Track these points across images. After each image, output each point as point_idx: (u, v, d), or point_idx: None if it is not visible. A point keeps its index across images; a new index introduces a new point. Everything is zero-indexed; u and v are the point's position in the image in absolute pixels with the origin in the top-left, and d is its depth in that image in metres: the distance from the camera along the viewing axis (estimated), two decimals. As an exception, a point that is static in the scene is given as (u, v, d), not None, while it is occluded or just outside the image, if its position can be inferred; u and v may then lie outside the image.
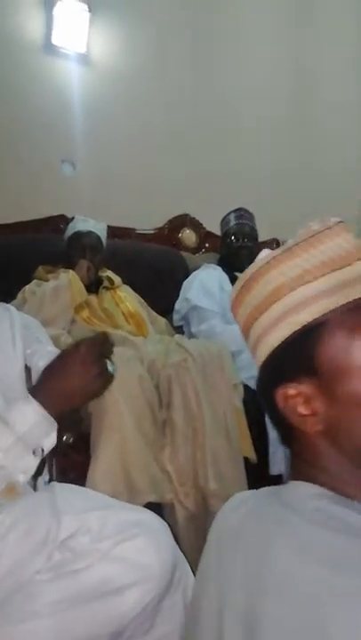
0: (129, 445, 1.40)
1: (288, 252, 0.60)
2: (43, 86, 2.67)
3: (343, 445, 0.56)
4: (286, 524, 0.52)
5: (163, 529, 0.86)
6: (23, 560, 0.78)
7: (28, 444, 0.87)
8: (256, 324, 0.61)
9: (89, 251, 2.18)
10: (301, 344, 0.56)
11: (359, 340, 0.54)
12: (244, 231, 2.47)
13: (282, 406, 0.57)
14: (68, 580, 0.76)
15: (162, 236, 2.94)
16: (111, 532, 0.81)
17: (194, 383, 1.55)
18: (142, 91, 2.90)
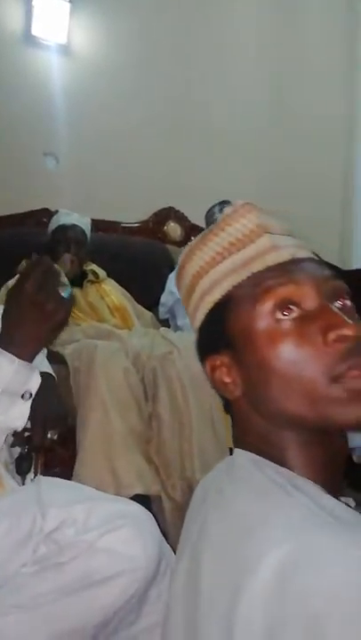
0: (115, 439, 1.40)
1: (204, 237, 0.66)
2: (23, 78, 2.64)
3: (260, 408, 0.59)
4: (220, 492, 0.58)
5: (148, 520, 0.86)
6: (8, 555, 0.78)
7: (15, 393, 0.87)
8: (189, 304, 0.68)
9: (73, 244, 2.16)
10: (217, 320, 0.62)
11: (259, 308, 0.58)
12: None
13: (210, 377, 0.63)
14: (54, 573, 0.76)
15: (147, 229, 2.93)
16: (96, 523, 0.80)
17: (179, 376, 1.56)
18: (124, 82, 2.88)
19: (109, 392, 1.45)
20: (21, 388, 0.87)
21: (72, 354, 1.55)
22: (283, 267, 0.60)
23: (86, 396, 1.45)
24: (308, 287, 0.58)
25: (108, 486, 1.35)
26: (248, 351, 0.59)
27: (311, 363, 0.55)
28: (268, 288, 0.58)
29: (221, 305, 0.62)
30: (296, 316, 0.57)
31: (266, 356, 0.57)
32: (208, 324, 0.64)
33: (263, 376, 0.58)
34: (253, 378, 0.59)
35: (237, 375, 0.60)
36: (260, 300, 0.58)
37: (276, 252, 0.61)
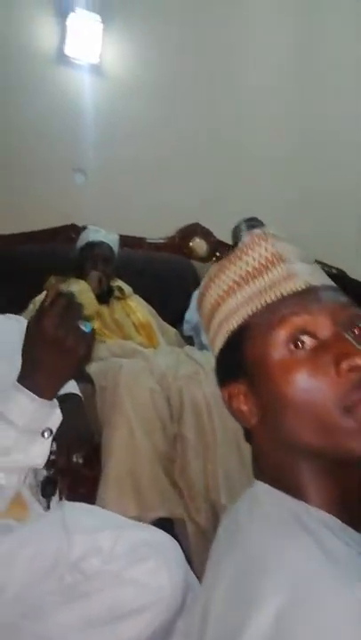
0: (140, 460, 1.39)
1: (222, 266, 0.67)
2: (55, 96, 2.69)
3: (275, 437, 0.60)
4: (238, 526, 0.58)
5: (174, 549, 0.84)
6: (33, 583, 0.77)
7: (35, 431, 0.85)
8: (208, 334, 0.69)
9: (101, 261, 2.18)
10: (234, 348, 0.63)
11: (274, 337, 0.58)
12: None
13: (228, 404, 0.63)
14: (80, 603, 0.75)
15: (172, 245, 2.94)
16: (122, 552, 0.79)
17: (205, 397, 1.54)
18: (154, 101, 2.91)
19: (135, 412, 1.44)
20: (41, 425, 0.86)
21: (98, 372, 1.54)
22: (298, 296, 0.60)
23: (112, 415, 1.44)
24: (322, 316, 0.58)
25: (131, 508, 1.34)
26: (263, 380, 0.59)
27: (324, 393, 0.55)
28: (283, 318, 0.59)
29: (238, 333, 0.62)
30: (310, 346, 0.57)
31: (280, 385, 0.57)
32: (226, 351, 0.64)
33: (278, 405, 0.58)
34: (268, 407, 0.59)
35: (254, 403, 0.61)
36: (275, 330, 0.59)
37: (292, 280, 0.62)
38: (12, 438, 0.84)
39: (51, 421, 0.87)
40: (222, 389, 0.64)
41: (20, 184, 2.59)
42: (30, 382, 0.85)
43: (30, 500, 1.05)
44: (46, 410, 0.86)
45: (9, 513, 0.98)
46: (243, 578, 0.50)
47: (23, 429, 0.85)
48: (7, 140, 2.58)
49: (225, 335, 0.64)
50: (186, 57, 2.99)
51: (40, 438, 0.86)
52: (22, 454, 0.86)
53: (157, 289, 2.55)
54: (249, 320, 0.61)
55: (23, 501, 1.03)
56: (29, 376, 0.85)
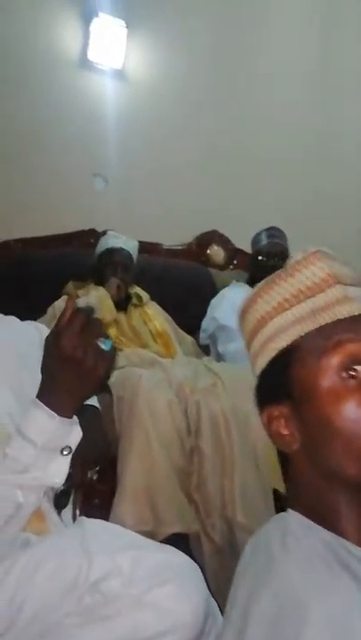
0: (156, 473, 1.37)
1: (271, 282, 0.65)
2: (77, 101, 2.69)
3: (317, 465, 0.58)
4: (271, 559, 0.55)
5: (195, 573, 0.82)
6: (52, 603, 0.75)
7: (54, 449, 0.85)
8: (250, 350, 0.66)
9: (120, 268, 2.17)
10: (279, 368, 0.61)
11: (325, 362, 0.56)
12: (276, 251, 2.42)
13: (267, 427, 0.61)
14: (99, 626, 0.73)
15: (190, 251, 2.92)
16: (143, 575, 0.77)
17: (223, 410, 1.52)
18: (176, 108, 2.90)
19: (152, 424, 1.43)
20: (60, 443, 0.85)
21: (116, 382, 1.53)
22: (354, 321, 0.58)
23: (129, 426, 1.43)
24: None
25: (146, 523, 1.32)
26: (310, 406, 0.57)
27: None
28: (338, 343, 0.56)
29: (286, 354, 0.60)
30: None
31: (328, 413, 0.56)
32: (270, 371, 0.62)
33: (324, 433, 0.56)
34: (313, 434, 0.58)
35: (296, 428, 0.59)
36: (328, 355, 0.57)
37: (348, 304, 0.59)
38: (32, 456, 0.83)
39: (70, 439, 0.86)
40: (262, 410, 0.62)
41: (41, 188, 2.59)
42: (49, 399, 0.83)
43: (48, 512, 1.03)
44: (66, 428, 0.85)
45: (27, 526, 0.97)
46: (283, 621, 0.48)
47: (42, 447, 0.83)
48: (29, 143, 2.59)
49: (271, 354, 0.61)
50: (209, 63, 2.98)
51: (59, 456, 0.85)
52: (41, 472, 0.84)
53: (174, 296, 2.53)
54: (300, 341, 0.59)
55: (41, 513, 1.02)
56: (49, 393, 0.84)
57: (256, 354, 0.65)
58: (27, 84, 2.57)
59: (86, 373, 0.82)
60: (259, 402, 0.64)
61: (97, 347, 0.82)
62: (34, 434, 0.83)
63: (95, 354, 0.82)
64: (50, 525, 1.00)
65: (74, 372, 0.81)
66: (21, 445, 0.84)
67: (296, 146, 3.27)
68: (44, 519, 1.02)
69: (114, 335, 1.99)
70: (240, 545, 1.41)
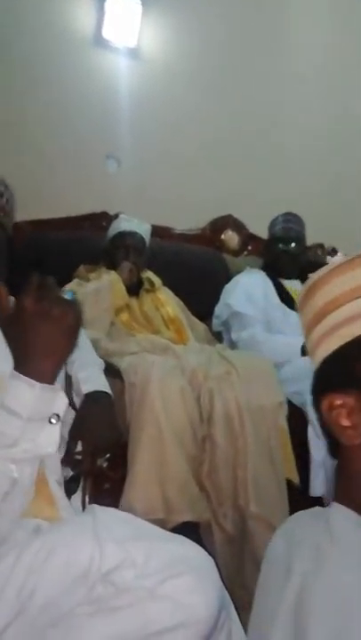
0: (168, 460, 1.35)
1: (350, 262, 0.59)
2: (91, 80, 2.64)
3: None
4: (320, 553, 0.52)
5: (210, 566, 0.80)
6: (63, 591, 0.73)
7: (41, 418, 0.83)
8: (314, 331, 0.61)
9: (132, 252, 2.13)
10: (351, 356, 0.56)
11: None
12: (290, 236, 2.37)
13: (326, 415, 0.57)
14: (110, 618, 0.71)
15: (204, 236, 2.88)
16: (157, 567, 0.75)
17: (237, 399, 1.49)
18: (191, 89, 2.84)
19: (164, 411, 1.40)
20: (47, 412, 0.83)
21: (128, 368, 1.50)
22: None
23: (140, 413, 1.40)
24: None
25: (157, 511, 1.30)
26: None
27: None
28: None
29: (359, 342, 0.56)
30: None
31: None
32: (338, 358, 0.58)
33: None
34: None
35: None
36: None
37: None
38: (19, 428, 0.82)
39: (56, 406, 0.84)
40: (321, 397, 0.58)
41: (53, 169, 2.56)
42: (26, 368, 0.82)
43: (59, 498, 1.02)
44: (49, 394, 0.83)
45: (38, 512, 0.96)
46: (351, 616, 0.46)
47: (28, 418, 0.82)
48: (40, 122, 2.54)
49: (342, 340, 0.57)
50: (225, 44, 2.91)
51: (47, 425, 0.84)
52: (31, 443, 0.83)
53: (187, 281, 2.50)
54: None
55: (52, 499, 1.00)
56: (24, 362, 0.82)
57: (321, 336, 0.60)
58: (40, 61, 2.53)
59: (56, 324, 0.81)
60: (317, 387, 0.60)
61: (59, 297, 0.83)
62: (17, 406, 0.81)
63: (60, 302, 0.82)
64: (61, 511, 0.99)
65: (43, 328, 0.81)
66: (6, 419, 0.82)
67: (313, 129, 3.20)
68: (54, 505, 1.00)
69: (125, 319, 1.96)
70: (252, 534, 1.39)
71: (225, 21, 2.89)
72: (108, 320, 1.91)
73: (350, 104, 3.32)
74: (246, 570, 1.41)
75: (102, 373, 1.30)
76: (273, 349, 1.97)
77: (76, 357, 1.31)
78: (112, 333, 1.89)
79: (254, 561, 1.39)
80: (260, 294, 2.23)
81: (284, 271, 2.36)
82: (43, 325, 0.81)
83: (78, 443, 1.13)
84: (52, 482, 1.02)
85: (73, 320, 0.83)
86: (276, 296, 2.21)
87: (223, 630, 0.80)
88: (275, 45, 3.07)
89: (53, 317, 0.81)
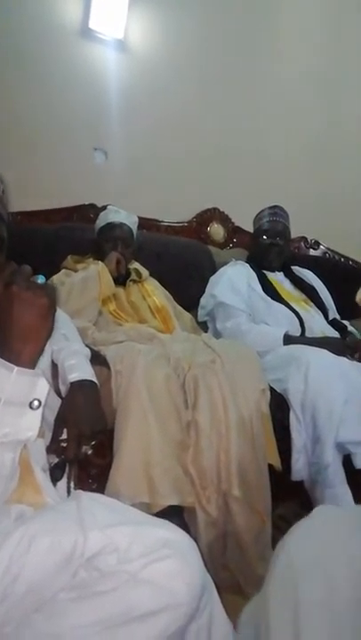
0: (152, 445, 1.38)
1: None
2: (78, 71, 2.64)
3: None
4: None
5: (192, 550, 0.81)
6: (46, 577, 0.74)
7: (21, 403, 0.84)
8: None
9: (120, 243, 2.15)
10: None
11: None
12: (277, 229, 2.40)
13: None
14: (93, 602, 0.72)
15: (190, 229, 2.91)
16: (140, 552, 0.76)
17: (221, 386, 1.52)
18: (178, 81, 2.85)
19: (149, 397, 1.42)
20: (27, 397, 0.84)
21: (114, 356, 1.53)
22: None
23: (126, 399, 1.43)
24: None
25: (142, 494, 1.33)
26: None
27: None
28: None
29: None
30: None
31: None
32: None
33: None
34: None
35: None
36: None
37: None
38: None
39: (37, 392, 0.85)
40: None
41: (40, 161, 2.56)
42: (3, 352, 0.83)
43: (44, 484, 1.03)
44: (28, 379, 0.84)
45: (23, 498, 0.97)
46: None
47: (6, 402, 0.82)
48: (28, 114, 2.54)
49: None
50: (213, 37, 2.92)
51: (29, 411, 0.85)
52: (11, 428, 0.84)
53: (173, 273, 2.52)
54: None
55: (37, 485, 1.02)
56: (1, 346, 0.83)
57: None
58: (27, 53, 2.52)
59: (30, 305, 0.83)
60: None
61: (31, 281, 0.85)
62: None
63: (32, 285, 0.84)
64: (46, 497, 1.01)
65: (16, 311, 0.82)
66: None
67: (302, 123, 3.23)
68: (40, 491, 1.02)
69: (112, 309, 1.98)
70: (235, 517, 1.43)
71: (213, 14, 2.90)
72: (95, 310, 1.93)
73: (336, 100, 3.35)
74: (229, 552, 1.45)
75: (88, 362, 1.32)
76: (257, 339, 2.01)
77: (63, 347, 1.33)
78: (100, 323, 1.91)
79: (237, 543, 1.44)
80: (245, 285, 2.27)
81: (269, 263, 2.40)
82: (15, 309, 0.82)
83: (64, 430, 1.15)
84: (36, 469, 1.03)
85: (46, 302, 0.85)
86: (260, 287, 2.25)
87: (205, 612, 0.81)
88: (263, 40, 3.09)
89: (25, 300, 0.82)
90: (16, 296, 0.82)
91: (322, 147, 3.30)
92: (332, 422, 1.61)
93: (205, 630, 0.80)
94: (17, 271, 0.85)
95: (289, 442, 1.66)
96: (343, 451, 1.66)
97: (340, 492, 1.60)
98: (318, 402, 1.64)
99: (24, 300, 0.82)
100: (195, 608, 0.76)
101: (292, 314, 2.16)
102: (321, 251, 3.26)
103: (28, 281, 0.84)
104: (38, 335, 0.86)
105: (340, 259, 3.28)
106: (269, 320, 2.13)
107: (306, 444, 1.64)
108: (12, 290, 0.82)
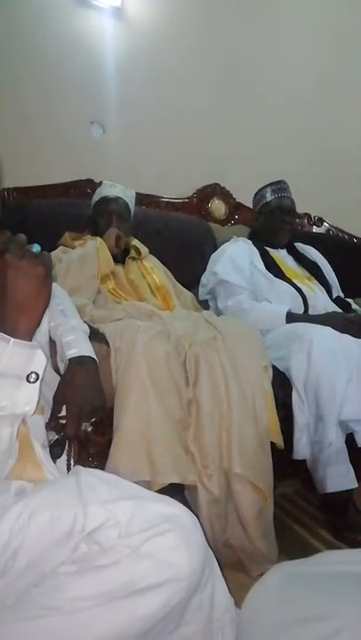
0: (153, 423, 1.35)
1: None
2: (74, 41, 2.56)
3: None
4: None
5: (193, 524, 0.81)
6: (46, 551, 0.74)
7: (18, 375, 0.82)
8: None
9: (116, 218, 2.09)
10: None
11: None
12: (288, 206, 2.33)
13: None
14: (94, 576, 0.72)
15: (190, 205, 2.85)
16: (141, 526, 0.76)
17: (222, 363, 1.49)
18: (177, 52, 2.77)
19: (150, 375, 1.40)
20: (24, 369, 0.82)
21: (113, 333, 1.49)
22: None
23: (126, 377, 1.40)
24: None
25: (143, 473, 1.31)
26: None
27: None
28: None
29: None
30: None
31: None
32: None
33: None
34: None
35: None
36: None
37: None
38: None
39: (34, 364, 0.83)
40: None
41: (36, 135, 2.49)
42: (1, 325, 0.81)
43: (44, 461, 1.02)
44: (25, 351, 0.82)
45: (23, 474, 0.96)
46: None
47: (3, 374, 0.81)
48: (22, 87, 2.47)
49: None
50: (212, 3, 2.83)
51: (26, 384, 0.83)
52: (7, 401, 0.82)
53: (173, 250, 2.49)
54: None
55: (37, 462, 1.01)
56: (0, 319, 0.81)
57: None
58: (22, 22, 2.44)
59: (25, 274, 0.80)
60: None
61: (27, 250, 0.82)
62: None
63: (27, 254, 0.81)
64: (46, 474, 0.99)
65: (11, 281, 0.80)
66: None
67: (301, 97, 3.15)
68: (40, 468, 1.00)
69: (111, 287, 1.95)
70: (236, 495, 1.41)
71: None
72: (94, 288, 1.89)
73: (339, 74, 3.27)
74: (231, 529, 1.44)
75: (87, 338, 1.29)
76: (259, 316, 1.98)
77: (60, 323, 1.30)
78: (98, 301, 1.88)
79: (239, 520, 1.43)
80: (247, 263, 2.23)
81: (279, 241, 2.35)
82: (10, 278, 0.80)
83: (63, 407, 1.13)
84: (36, 445, 1.02)
85: (42, 271, 0.82)
86: (263, 265, 2.20)
87: (207, 587, 0.81)
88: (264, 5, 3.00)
89: (20, 269, 0.80)
90: (10, 265, 0.80)
91: (325, 122, 3.23)
92: (335, 400, 1.59)
93: (207, 604, 0.79)
94: (11, 240, 0.82)
95: (291, 421, 1.64)
96: (346, 429, 1.64)
97: (342, 471, 1.59)
98: (321, 380, 1.61)
99: (19, 270, 0.80)
100: (196, 582, 0.75)
101: (295, 291, 2.12)
102: (325, 227, 3.21)
103: (22, 249, 0.81)
104: (35, 306, 0.84)
105: (344, 236, 3.23)
106: (272, 298, 2.09)
107: (308, 423, 1.62)
108: (5, 259, 0.80)
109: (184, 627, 0.77)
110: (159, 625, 0.72)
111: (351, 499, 1.64)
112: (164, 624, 0.73)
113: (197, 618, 0.78)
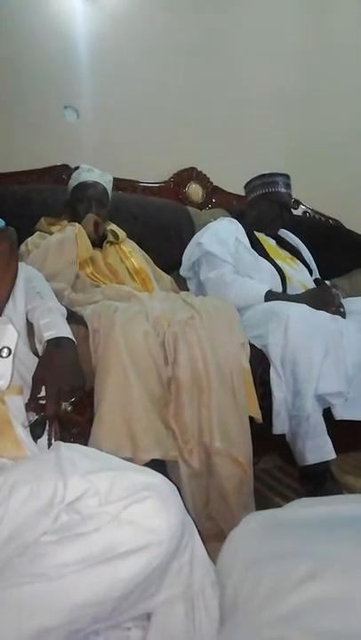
0: (133, 401, 1.38)
1: None
2: (45, 23, 2.52)
3: None
4: None
5: (172, 492, 0.84)
6: (27, 522, 0.76)
7: None
8: None
9: (95, 203, 2.09)
10: None
11: None
12: (289, 201, 2.35)
13: None
14: (76, 543, 0.74)
15: (167, 189, 2.85)
16: (120, 494, 0.78)
17: (200, 341, 1.52)
18: (152, 34, 2.74)
19: (129, 354, 1.42)
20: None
21: (91, 315, 1.51)
22: None
23: (105, 357, 1.42)
24: None
25: (125, 449, 1.33)
26: None
27: None
28: None
29: None
30: None
31: None
32: None
33: None
34: None
35: None
36: None
37: None
38: None
39: (6, 339, 0.85)
40: None
41: (10, 120, 2.46)
42: None
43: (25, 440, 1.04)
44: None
45: (4, 452, 0.98)
46: None
47: None
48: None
49: None
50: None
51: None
52: None
53: (151, 234, 2.49)
54: None
55: (17, 440, 1.02)
56: None
57: None
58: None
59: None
60: None
61: None
62: None
63: None
64: (27, 452, 1.01)
65: None
66: None
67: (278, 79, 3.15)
68: (20, 446, 1.02)
69: (89, 272, 1.95)
70: (217, 469, 1.45)
71: None
72: (73, 273, 1.89)
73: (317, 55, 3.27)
74: (212, 502, 1.48)
75: (65, 320, 1.30)
76: (239, 291, 2.00)
77: (37, 306, 1.31)
78: (77, 286, 1.88)
79: (220, 493, 1.46)
80: (232, 238, 2.22)
81: (273, 230, 2.37)
82: None
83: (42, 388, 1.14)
84: (16, 424, 1.04)
85: (7, 246, 0.84)
86: (248, 242, 2.22)
87: (186, 551, 0.84)
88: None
89: None
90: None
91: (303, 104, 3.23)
92: (312, 375, 1.63)
93: (187, 568, 0.82)
94: None
95: (270, 398, 1.67)
96: (323, 404, 1.68)
97: (321, 443, 1.64)
98: (298, 355, 1.65)
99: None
100: (175, 546, 0.78)
101: (275, 271, 2.14)
102: (301, 210, 3.23)
103: None
104: (2, 281, 0.84)
105: (321, 218, 3.27)
106: (254, 274, 2.11)
107: (286, 398, 1.66)
108: None
109: (165, 590, 0.80)
110: (140, 587, 0.75)
111: (329, 469, 1.69)
112: (145, 586, 0.76)
113: (178, 582, 0.81)
